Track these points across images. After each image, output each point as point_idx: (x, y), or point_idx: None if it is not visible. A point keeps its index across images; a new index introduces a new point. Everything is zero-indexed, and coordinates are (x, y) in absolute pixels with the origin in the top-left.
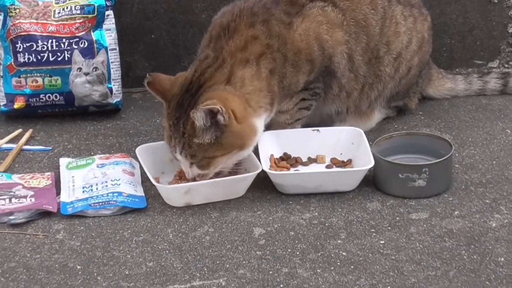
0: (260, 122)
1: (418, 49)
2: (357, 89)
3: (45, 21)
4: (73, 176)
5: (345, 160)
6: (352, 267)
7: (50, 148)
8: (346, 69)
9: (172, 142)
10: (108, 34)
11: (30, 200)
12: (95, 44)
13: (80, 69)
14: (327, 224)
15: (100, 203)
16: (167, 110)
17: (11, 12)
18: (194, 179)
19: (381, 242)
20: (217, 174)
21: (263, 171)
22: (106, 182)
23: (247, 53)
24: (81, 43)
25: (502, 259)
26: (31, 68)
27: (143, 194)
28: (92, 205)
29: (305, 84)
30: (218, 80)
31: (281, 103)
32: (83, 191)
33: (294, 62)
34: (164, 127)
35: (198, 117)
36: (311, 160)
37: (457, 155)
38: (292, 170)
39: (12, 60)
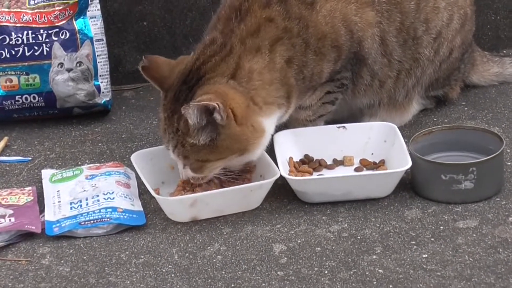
0: (269, 121)
1: (460, 28)
2: (391, 76)
3: (18, 10)
4: (58, 191)
5: (377, 161)
6: (390, 286)
7: (30, 158)
8: (379, 54)
9: (166, 137)
10: (93, 23)
11: (9, 220)
12: (78, 35)
13: (61, 64)
14: (359, 237)
15: (92, 221)
16: (163, 100)
17: None
18: (195, 186)
19: (424, 256)
20: (222, 183)
21: (281, 177)
22: (98, 196)
23: (259, 38)
24: (62, 34)
25: None
26: (4, 65)
27: (142, 209)
28: (82, 223)
29: (331, 74)
30: (221, 72)
31: (302, 97)
32: (71, 208)
33: (317, 49)
34: (160, 118)
35: (190, 114)
36: (337, 163)
37: (508, 151)
38: (315, 175)
39: None
